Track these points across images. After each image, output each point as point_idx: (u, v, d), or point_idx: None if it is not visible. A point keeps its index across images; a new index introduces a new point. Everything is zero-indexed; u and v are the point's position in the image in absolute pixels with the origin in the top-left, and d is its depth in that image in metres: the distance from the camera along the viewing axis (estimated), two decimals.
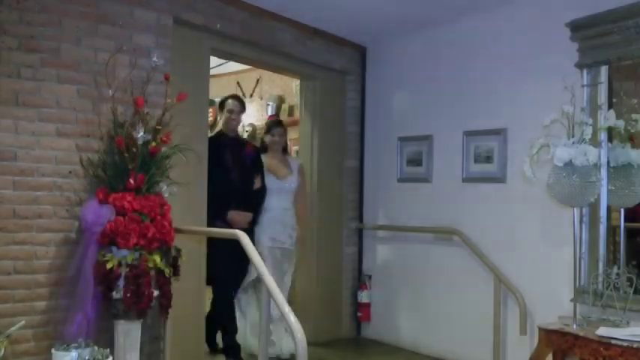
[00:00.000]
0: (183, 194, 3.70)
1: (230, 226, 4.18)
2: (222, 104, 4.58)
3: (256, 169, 4.55)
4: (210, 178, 4.17)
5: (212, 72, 4.73)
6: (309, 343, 2.77)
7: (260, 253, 4.11)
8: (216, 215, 4.22)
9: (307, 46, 4.99)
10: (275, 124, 4.92)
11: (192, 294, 4.06)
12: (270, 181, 4.61)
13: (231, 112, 4.50)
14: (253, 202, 4.49)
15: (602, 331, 3.11)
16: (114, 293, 3.09)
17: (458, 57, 4.72)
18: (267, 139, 4.82)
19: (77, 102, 3.40)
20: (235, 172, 4.43)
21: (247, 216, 4.40)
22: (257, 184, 4.52)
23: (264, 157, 4.70)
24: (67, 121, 3.35)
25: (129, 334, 3.19)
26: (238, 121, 4.61)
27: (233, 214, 4.34)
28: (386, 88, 5.34)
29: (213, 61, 4.53)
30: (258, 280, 4.06)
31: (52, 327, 3.25)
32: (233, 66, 7.59)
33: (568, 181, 3.19)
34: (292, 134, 8.76)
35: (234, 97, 4.65)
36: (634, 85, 3.80)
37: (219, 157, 4.34)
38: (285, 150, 4.90)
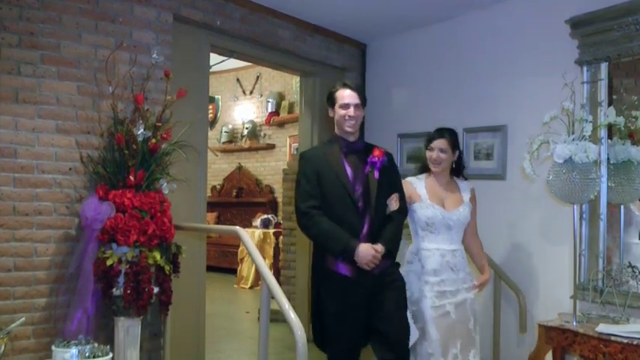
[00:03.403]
0: (183, 191, 3.70)
1: (355, 266, 2.97)
2: (330, 98, 3.18)
3: (391, 184, 3.18)
4: (324, 201, 3.02)
5: (212, 69, 4.72)
6: (309, 340, 2.76)
7: (416, 316, 3.22)
8: (336, 252, 2.98)
9: (307, 42, 4.98)
10: (439, 133, 3.38)
11: (192, 291, 4.07)
12: (434, 213, 3.31)
13: (346, 107, 3.10)
14: (389, 231, 3.10)
15: (602, 327, 3.11)
16: (114, 290, 3.09)
17: (458, 54, 4.72)
18: (428, 155, 3.40)
19: (77, 99, 3.40)
20: (359, 190, 3.07)
21: (382, 249, 3.01)
22: (393, 205, 3.14)
23: (421, 181, 3.42)
24: (67, 118, 3.36)
25: (129, 330, 3.19)
26: (358, 119, 3.14)
27: (365, 248, 2.95)
28: (386, 85, 5.34)
29: (213, 57, 4.52)
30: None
31: (52, 324, 3.27)
32: (233, 63, 7.58)
33: (568, 178, 3.19)
34: (292, 131, 8.85)
35: (346, 85, 3.17)
36: (634, 82, 3.79)
37: (334, 172, 3.07)
38: (455, 170, 3.47)
